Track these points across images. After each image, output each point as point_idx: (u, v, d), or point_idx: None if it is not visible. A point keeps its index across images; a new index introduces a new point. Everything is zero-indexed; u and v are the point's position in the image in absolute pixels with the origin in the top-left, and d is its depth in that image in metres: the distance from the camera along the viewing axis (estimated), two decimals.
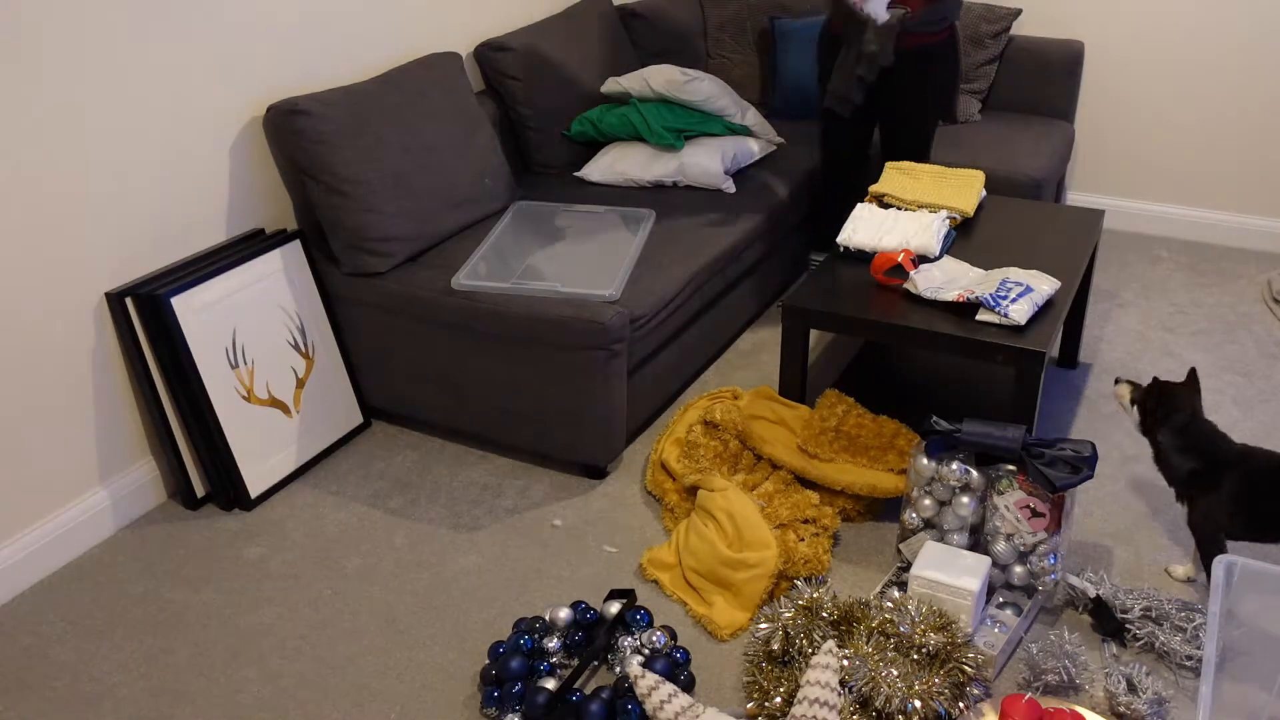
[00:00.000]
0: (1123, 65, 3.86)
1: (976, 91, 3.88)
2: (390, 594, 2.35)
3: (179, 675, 2.15)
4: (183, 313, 2.48)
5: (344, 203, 2.69)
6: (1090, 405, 2.94)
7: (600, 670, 2.13)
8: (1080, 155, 4.06)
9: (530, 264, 2.74)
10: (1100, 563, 2.37)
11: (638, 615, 2.16)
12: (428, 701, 2.07)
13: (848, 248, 2.75)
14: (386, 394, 2.90)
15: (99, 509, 2.54)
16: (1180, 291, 3.57)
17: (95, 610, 2.34)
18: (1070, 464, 2.10)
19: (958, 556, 2.13)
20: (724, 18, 3.99)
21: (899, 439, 2.56)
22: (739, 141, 3.37)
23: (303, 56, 2.84)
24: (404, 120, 2.84)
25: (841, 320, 2.53)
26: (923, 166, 3.05)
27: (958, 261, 2.64)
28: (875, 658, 1.92)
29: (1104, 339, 3.27)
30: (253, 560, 2.47)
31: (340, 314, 2.85)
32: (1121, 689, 1.97)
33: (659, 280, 2.72)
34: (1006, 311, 2.37)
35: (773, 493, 2.45)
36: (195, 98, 2.58)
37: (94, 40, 2.32)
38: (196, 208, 2.65)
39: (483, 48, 3.37)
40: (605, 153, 3.36)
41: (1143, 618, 2.14)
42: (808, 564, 2.29)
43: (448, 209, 2.90)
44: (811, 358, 3.21)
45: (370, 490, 2.70)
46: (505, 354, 2.63)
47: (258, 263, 2.68)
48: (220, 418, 2.56)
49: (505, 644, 2.09)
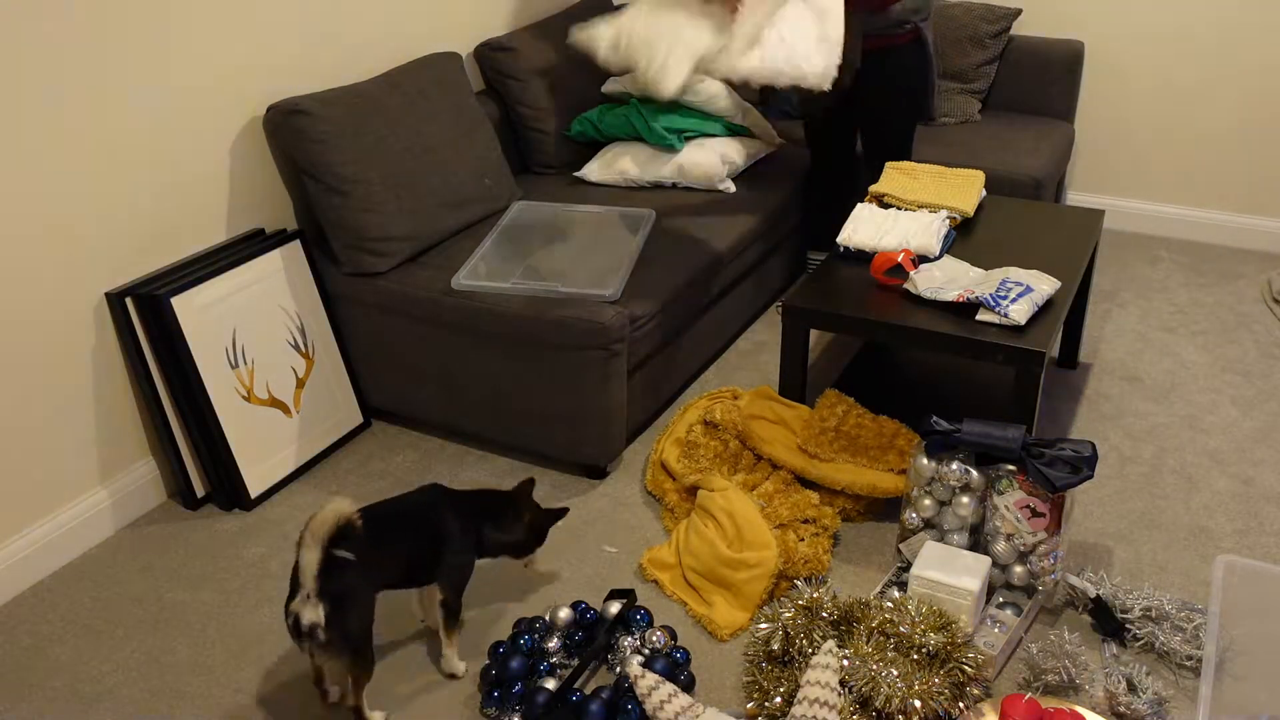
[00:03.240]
0: (1123, 65, 3.86)
1: (976, 91, 3.88)
2: (390, 594, 2.34)
3: (179, 675, 2.15)
4: (183, 313, 2.48)
5: (344, 203, 2.69)
6: (1090, 405, 2.94)
7: (600, 670, 2.13)
8: (1080, 155, 4.06)
9: (530, 264, 2.74)
10: (1100, 563, 2.37)
11: (638, 615, 2.16)
12: (428, 701, 2.07)
13: (848, 248, 2.75)
14: (386, 394, 2.90)
15: (99, 509, 2.54)
16: (1180, 291, 3.57)
17: (95, 610, 2.34)
18: (1070, 464, 2.10)
19: (958, 556, 2.13)
20: None
21: (899, 439, 2.56)
22: (739, 142, 3.37)
23: (303, 56, 2.84)
24: (404, 120, 2.84)
25: (841, 320, 2.53)
26: (922, 166, 3.05)
27: (958, 261, 2.64)
28: (875, 658, 1.92)
29: (1104, 339, 3.27)
30: (253, 560, 2.47)
31: (340, 314, 2.85)
32: (1121, 689, 1.97)
33: (659, 280, 2.72)
34: (1006, 311, 2.37)
35: (773, 493, 2.45)
36: (195, 97, 2.57)
37: (94, 40, 2.32)
38: (197, 208, 2.65)
39: (483, 48, 3.37)
40: (605, 153, 3.36)
41: (1143, 618, 2.14)
42: (808, 564, 2.29)
43: (448, 209, 2.90)
44: (811, 358, 3.21)
45: (370, 490, 2.70)
46: (505, 354, 2.63)
47: (258, 263, 2.68)
48: (220, 418, 2.56)
49: (505, 644, 2.09)
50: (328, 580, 1.79)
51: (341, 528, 1.80)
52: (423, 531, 2.04)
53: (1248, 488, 2.59)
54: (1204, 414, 2.89)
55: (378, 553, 1.93)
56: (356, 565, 1.84)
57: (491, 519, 2.14)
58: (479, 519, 2.12)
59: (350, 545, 1.83)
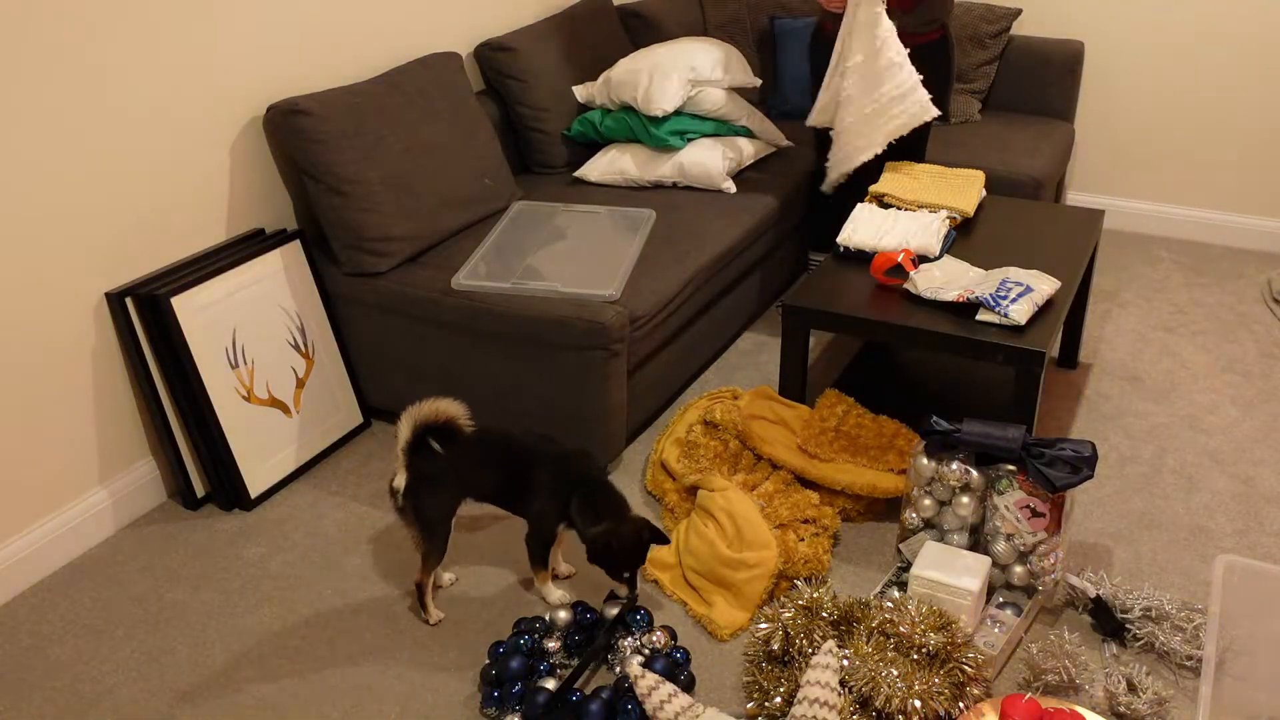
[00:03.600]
0: (1123, 65, 3.86)
1: (976, 91, 3.88)
2: (390, 594, 2.35)
3: (179, 675, 2.15)
4: (183, 313, 2.48)
5: (344, 203, 2.69)
6: (1090, 405, 2.94)
7: (600, 670, 2.13)
8: (1080, 155, 4.06)
9: (530, 264, 2.74)
10: (1100, 563, 2.37)
11: (638, 615, 2.16)
12: (428, 701, 2.07)
13: (848, 248, 2.75)
14: (386, 394, 2.90)
15: (99, 509, 2.54)
16: (1180, 291, 3.57)
17: (95, 610, 2.34)
18: (1070, 464, 2.10)
19: (958, 556, 2.13)
20: (724, 18, 3.99)
21: (899, 439, 2.56)
22: (739, 142, 3.37)
23: (303, 56, 2.84)
24: (404, 120, 2.84)
25: (841, 320, 2.53)
26: (923, 166, 3.05)
27: (958, 261, 2.64)
28: (875, 658, 1.92)
29: (1104, 339, 3.27)
30: (253, 560, 2.47)
31: (340, 314, 2.85)
32: (1121, 689, 1.97)
33: (659, 280, 2.72)
34: (1006, 311, 2.37)
35: (773, 493, 2.45)
36: (196, 97, 2.57)
37: (94, 40, 2.32)
38: (196, 208, 2.65)
39: (483, 48, 3.37)
40: (605, 153, 3.36)
41: (1143, 618, 2.14)
42: (808, 564, 2.29)
43: (448, 209, 2.90)
44: (811, 358, 3.21)
45: (370, 490, 2.70)
46: (505, 354, 2.63)
47: (258, 263, 2.68)
48: (220, 418, 2.56)
49: (505, 644, 2.09)
50: (415, 457, 2.12)
51: (442, 423, 2.10)
52: (515, 469, 2.19)
53: (1248, 488, 2.59)
54: (1204, 414, 2.89)
55: (467, 462, 2.17)
56: (444, 460, 2.13)
57: (581, 497, 2.15)
58: (571, 488, 2.15)
59: (445, 442, 2.13)
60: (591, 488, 2.15)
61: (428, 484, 2.14)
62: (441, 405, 2.10)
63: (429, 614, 2.24)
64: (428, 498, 2.15)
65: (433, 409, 2.10)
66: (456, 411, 2.12)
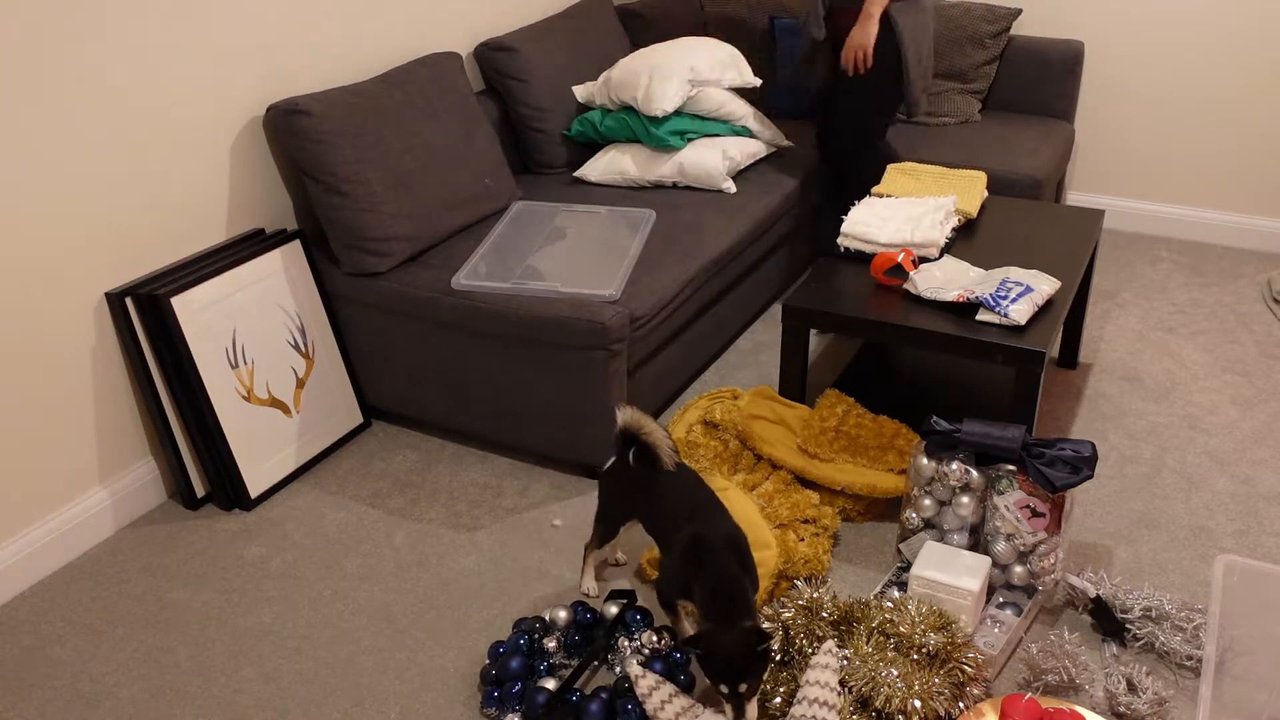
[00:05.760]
0: (1123, 65, 3.86)
1: (976, 91, 3.88)
2: (390, 594, 2.35)
3: (179, 675, 2.15)
4: (183, 313, 2.48)
5: (344, 203, 2.69)
6: (1090, 405, 2.94)
7: (600, 670, 2.13)
8: (1080, 155, 4.06)
9: (530, 264, 2.74)
10: (1100, 563, 2.37)
11: (637, 616, 2.16)
12: (428, 701, 2.07)
13: (848, 248, 2.75)
14: (386, 394, 2.90)
15: (99, 509, 2.54)
16: (1180, 291, 3.57)
17: (95, 610, 2.34)
18: (1070, 464, 2.10)
19: (958, 556, 2.13)
20: (724, 17, 3.99)
21: (899, 439, 2.56)
22: (739, 141, 3.37)
23: (303, 56, 2.84)
24: (404, 120, 2.83)
25: (841, 320, 2.53)
26: (924, 167, 3.05)
27: (958, 261, 2.65)
28: (875, 658, 1.92)
29: (1104, 339, 3.27)
30: (253, 560, 2.47)
31: (340, 314, 2.85)
32: (1121, 689, 1.97)
33: (659, 280, 2.72)
34: (1006, 311, 2.37)
35: (773, 493, 2.45)
36: (196, 97, 2.58)
37: (95, 40, 2.32)
38: (196, 208, 2.65)
39: (483, 48, 3.37)
40: (605, 153, 3.36)
41: (1143, 618, 2.14)
42: (808, 564, 2.29)
43: (448, 209, 2.90)
44: (811, 358, 3.21)
45: (370, 490, 2.70)
46: (505, 354, 2.63)
47: (258, 263, 2.68)
48: (220, 418, 2.56)
49: (505, 644, 2.09)
50: (624, 448, 2.12)
51: (642, 442, 2.07)
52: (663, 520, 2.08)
53: (1248, 488, 2.59)
54: (1204, 414, 2.89)
55: (634, 488, 2.13)
56: (620, 468, 2.15)
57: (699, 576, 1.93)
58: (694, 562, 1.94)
59: (633, 453, 2.10)
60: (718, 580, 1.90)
61: (607, 474, 2.19)
62: (651, 431, 2.06)
63: (581, 581, 2.32)
64: (602, 481, 2.21)
65: (637, 423, 2.06)
66: (662, 444, 2.06)
